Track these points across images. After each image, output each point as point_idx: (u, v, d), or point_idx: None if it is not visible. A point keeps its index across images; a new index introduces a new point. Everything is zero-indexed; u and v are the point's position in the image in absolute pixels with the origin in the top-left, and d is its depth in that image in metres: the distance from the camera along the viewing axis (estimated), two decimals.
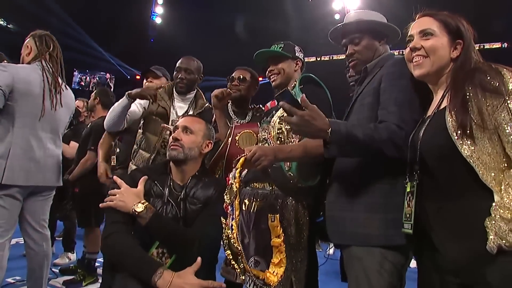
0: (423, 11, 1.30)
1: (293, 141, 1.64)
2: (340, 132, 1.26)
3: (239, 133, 2.08)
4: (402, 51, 1.39)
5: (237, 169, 1.50)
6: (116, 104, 2.30)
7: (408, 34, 1.31)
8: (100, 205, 1.63)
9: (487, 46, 8.78)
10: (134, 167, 2.24)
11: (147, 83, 2.64)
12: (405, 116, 1.29)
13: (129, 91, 2.24)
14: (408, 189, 1.24)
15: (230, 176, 1.52)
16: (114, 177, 1.72)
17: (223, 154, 2.07)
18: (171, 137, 1.79)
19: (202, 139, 1.81)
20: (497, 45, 9.23)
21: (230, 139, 2.08)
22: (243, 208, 1.74)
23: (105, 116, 2.45)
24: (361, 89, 1.53)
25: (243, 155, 1.54)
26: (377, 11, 1.63)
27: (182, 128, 1.80)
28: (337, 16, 9.86)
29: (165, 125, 2.29)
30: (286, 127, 1.67)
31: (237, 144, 2.06)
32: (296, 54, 1.92)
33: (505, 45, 9.32)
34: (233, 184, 1.48)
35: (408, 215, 1.21)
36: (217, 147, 2.16)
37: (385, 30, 1.61)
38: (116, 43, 11.45)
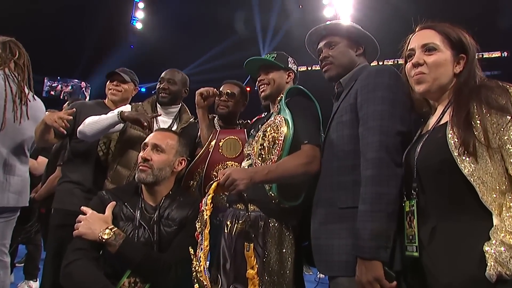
0: (423, 23, 1.30)
1: (273, 158, 1.60)
2: (385, 235, 1.22)
3: (223, 139, 2.07)
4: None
5: (209, 195, 1.45)
6: (104, 117, 2.15)
7: (409, 48, 1.30)
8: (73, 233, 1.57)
9: (486, 55, 8.87)
10: (111, 186, 2.15)
11: (112, 88, 2.51)
12: (385, 128, 1.29)
13: (122, 111, 2.13)
14: (407, 209, 1.22)
15: (203, 202, 1.47)
16: (82, 207, 1.66)
17: (204, 160, 2.03)
18: (139, 156, 1.74)
19: (174, 157, 1.77)
20: (496, 54, 9.44)
21: (213, 143, 2.06)
22: (226, 231, 1.70)
23: None
24: (338, 105, 1.54)
25: (215, 179, 1.50)
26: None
27: (151, 146, 1.74)
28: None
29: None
30: (267, 143, 1.64)
31: (220, 150, 2.04)
32: (289, 65, 1.91)
33: (505, 54, 9.53)
34: (204, 211, 1.43)
35: (411, 237, 1.19)
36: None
37: (362, 40, 1.64)
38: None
